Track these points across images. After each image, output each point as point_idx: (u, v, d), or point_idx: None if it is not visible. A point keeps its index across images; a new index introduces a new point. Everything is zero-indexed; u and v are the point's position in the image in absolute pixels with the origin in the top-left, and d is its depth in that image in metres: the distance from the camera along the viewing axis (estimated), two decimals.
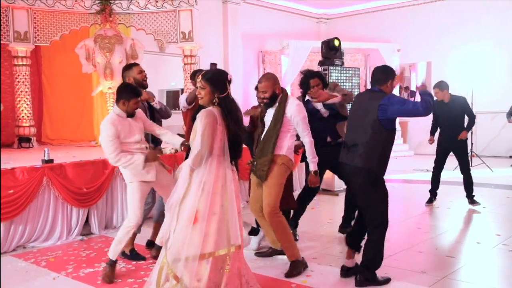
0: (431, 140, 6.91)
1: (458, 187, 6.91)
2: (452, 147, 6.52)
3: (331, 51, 8.45)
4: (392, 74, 3.82)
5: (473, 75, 11.26)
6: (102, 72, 8.34)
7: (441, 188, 6.74)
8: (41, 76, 9.58)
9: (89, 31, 8.87)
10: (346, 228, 5.01)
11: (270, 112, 4.14)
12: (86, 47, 8.36)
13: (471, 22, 12.30)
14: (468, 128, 6.58)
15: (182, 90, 9.91)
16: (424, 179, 8.13)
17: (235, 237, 3.25)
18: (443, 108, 6.44)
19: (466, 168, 6.50)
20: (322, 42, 8.59)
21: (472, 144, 9.87)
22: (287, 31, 13.56)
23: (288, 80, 12.26)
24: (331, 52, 8.46)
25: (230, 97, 3.31)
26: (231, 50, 12.19)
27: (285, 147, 4.07)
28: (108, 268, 3.97)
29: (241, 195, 4.62)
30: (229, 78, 3.31)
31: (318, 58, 9.31)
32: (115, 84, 7.54)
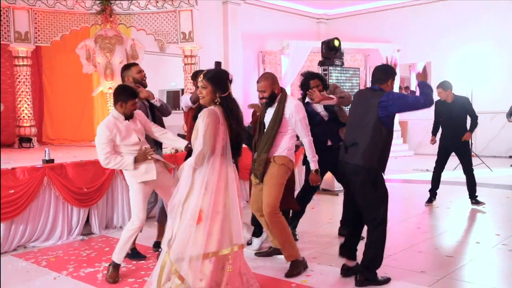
0: (433, 141, 6.88)
1: (458, 187, 6.92)
2: (454, 147, 6.51)
3: (331, 51, 8.44)
4: (393, 74, 3.82)
5: (473, 75, 11.25)
6: (103, 72, 8.36)
7: (441, 188, 6.74)
8: (41, 76, 9.59)
9: (89, 32, 8.90)
10: (346, 229, 4.99)
11: (270, 112, 4.14)
12: (86, 47, 8.38)
13: (471, 22, 12.30)
14: (472, 129, 6.54)
15: (183, 90, 9.92)
16: (424, 179, 8.14)
17: (238, 236, 3.26)
18: (446, 108, 6.42)
19: (469, 169, 6.46)
20: (322, 42, 8.58)
21: (472, 144, 9.86)
22: (287, 31, 13.57)
23: (288, 80, 12.25)
24: (331, 52, 8.45)
25: (232, 96, 3.32)
26: (231, 50, 12.19)
27: (285, 148, 4.06)
28: (112, 269, 3.98)
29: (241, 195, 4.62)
30: (230, 78, 3.32)
31: (318, 58, 9.30)
32: (116, 85, 7.49)
